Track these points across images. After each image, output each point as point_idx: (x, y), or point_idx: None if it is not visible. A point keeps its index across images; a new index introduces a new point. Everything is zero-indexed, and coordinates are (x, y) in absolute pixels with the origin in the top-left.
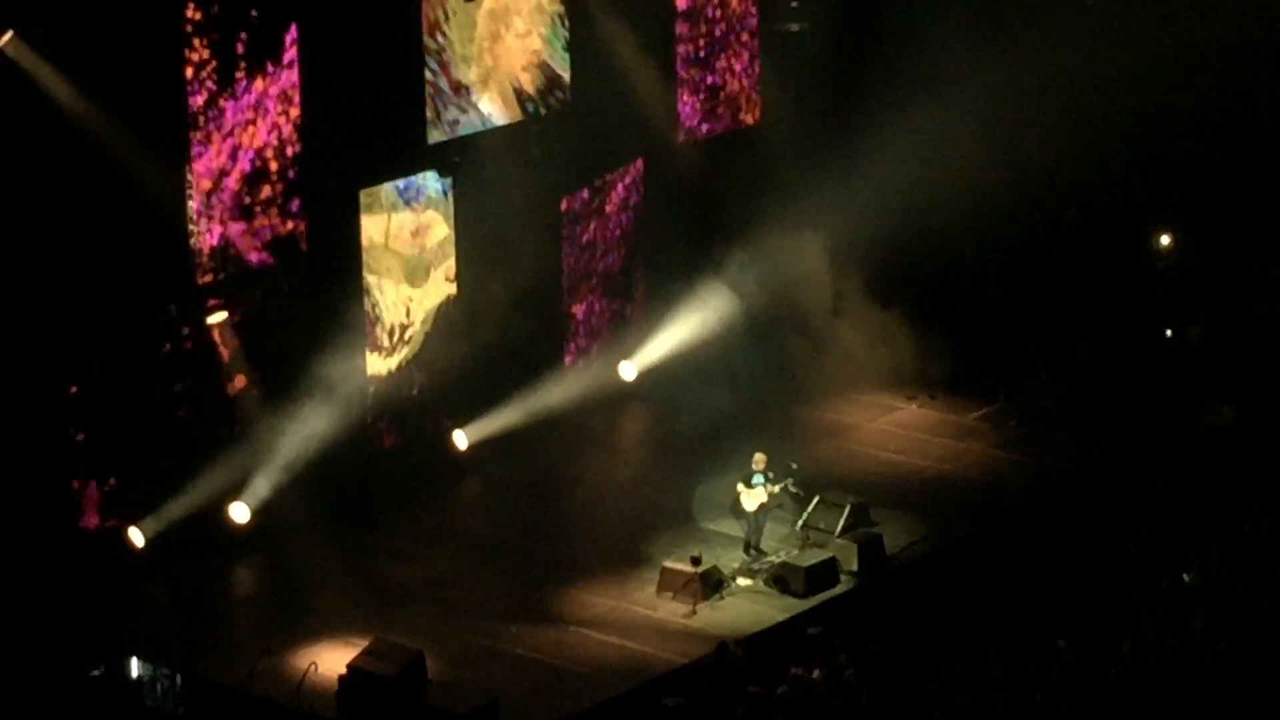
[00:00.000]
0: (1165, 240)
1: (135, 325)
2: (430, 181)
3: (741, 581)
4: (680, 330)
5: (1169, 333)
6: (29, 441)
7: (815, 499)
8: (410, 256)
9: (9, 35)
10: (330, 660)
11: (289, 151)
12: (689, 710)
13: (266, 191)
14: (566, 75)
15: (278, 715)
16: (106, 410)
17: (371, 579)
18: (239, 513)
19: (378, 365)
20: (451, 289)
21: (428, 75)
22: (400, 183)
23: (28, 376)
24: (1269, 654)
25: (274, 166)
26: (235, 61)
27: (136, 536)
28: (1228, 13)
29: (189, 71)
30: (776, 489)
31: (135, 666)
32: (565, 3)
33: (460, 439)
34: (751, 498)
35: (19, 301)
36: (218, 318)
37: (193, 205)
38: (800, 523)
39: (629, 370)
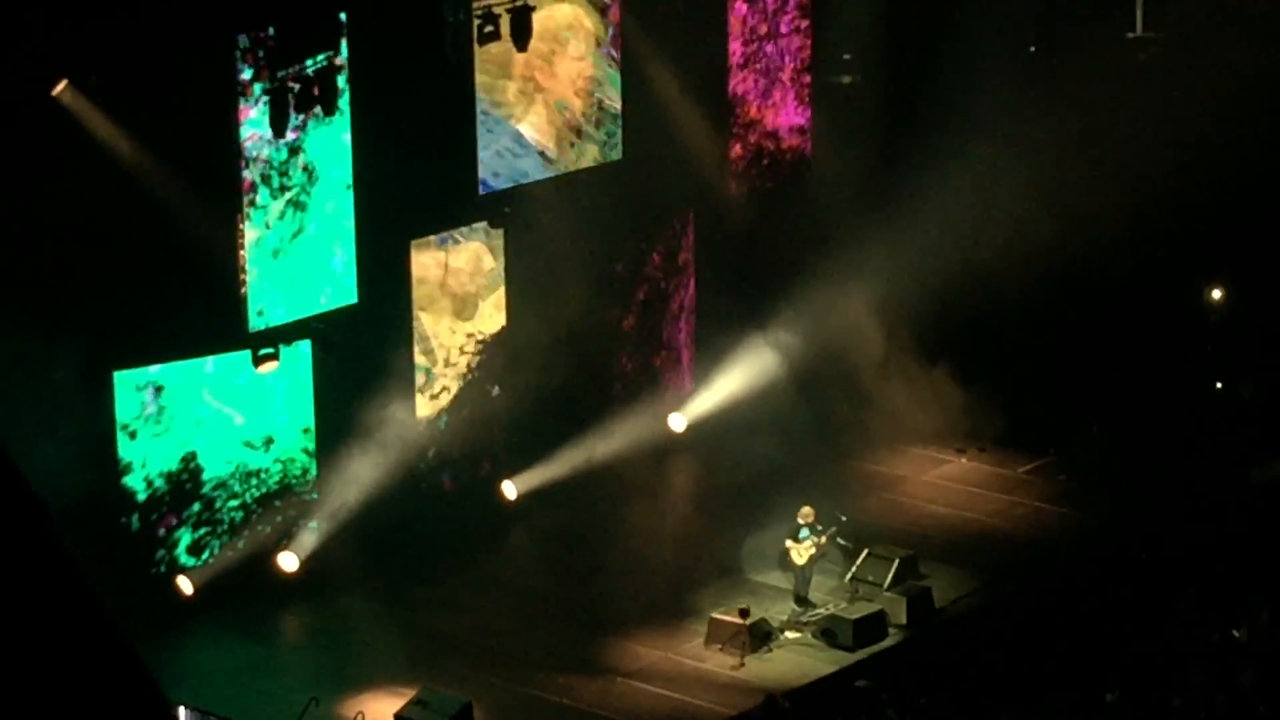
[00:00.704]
0: (1217, 294)
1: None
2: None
3: (789, 634)
4: (730, 382)
5: (1219, 386)
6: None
7: (864, 552)
8: (462, 293)
9: (63, 84)
10: (377, 709)
11: None
12: None
13: None
14: (618, 112)
15: None
16: None
17: (419, 628)
18: (288, 561)
19: (427, 411)
20: (501, 322)
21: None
22: None
23: (79, 421)
24: None
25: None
26: (287, 111)
27: (185, 584)
28: None
29: (242, 117)
30: (824, 539)
31: (183, 714)
32: (618, 51)
33: (509, 489)
34: (800, 552)
35: (70, 347)
36: (268, 366)
37: (244, 253)
38: (849, 575)
39: (679, 422)
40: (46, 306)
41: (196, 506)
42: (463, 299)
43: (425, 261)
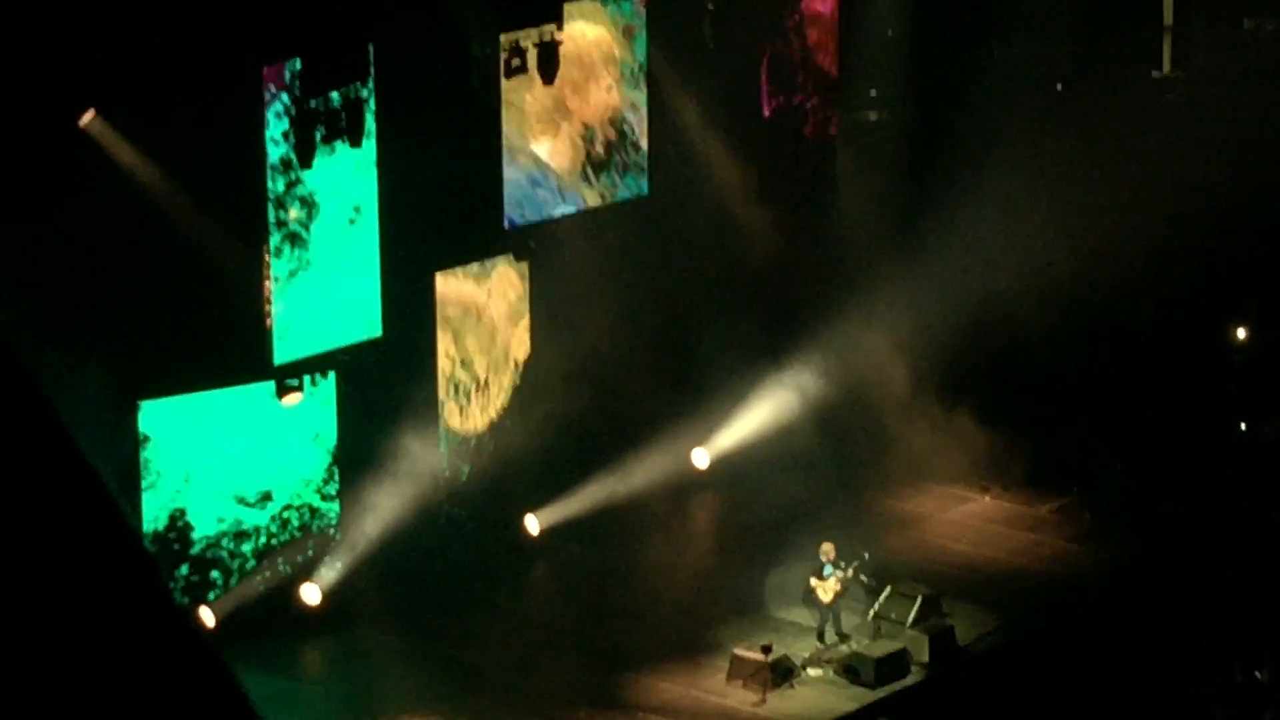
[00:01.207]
0: (1241, 333)
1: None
2: None
3: (812, 671)
4: (753, 419)
5: (1243, 427)
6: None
7: (887, 589)
8: (494, 317)
9: (90, 114)
10: None
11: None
12: None
13: None
14: (644, 157)
15: None
16: None
17: (441, 662)
18: (310, 594)
19: (453, 442)
20: (526, 352)
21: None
22: None
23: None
24: None
25: None
26: (313, 143)
27: (208, 616)
28: None
29: (267, 150)
30: (849, 573)
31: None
32: (646, 88)
33: (532, 524)
34: (825, 589)
35: (94, 377)
36: (293, 399)
37: (268, 285)
38: (871, 613)
39: (702, 458)
40: (71, 336)
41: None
42: (486, 328)
43: (448, 291)
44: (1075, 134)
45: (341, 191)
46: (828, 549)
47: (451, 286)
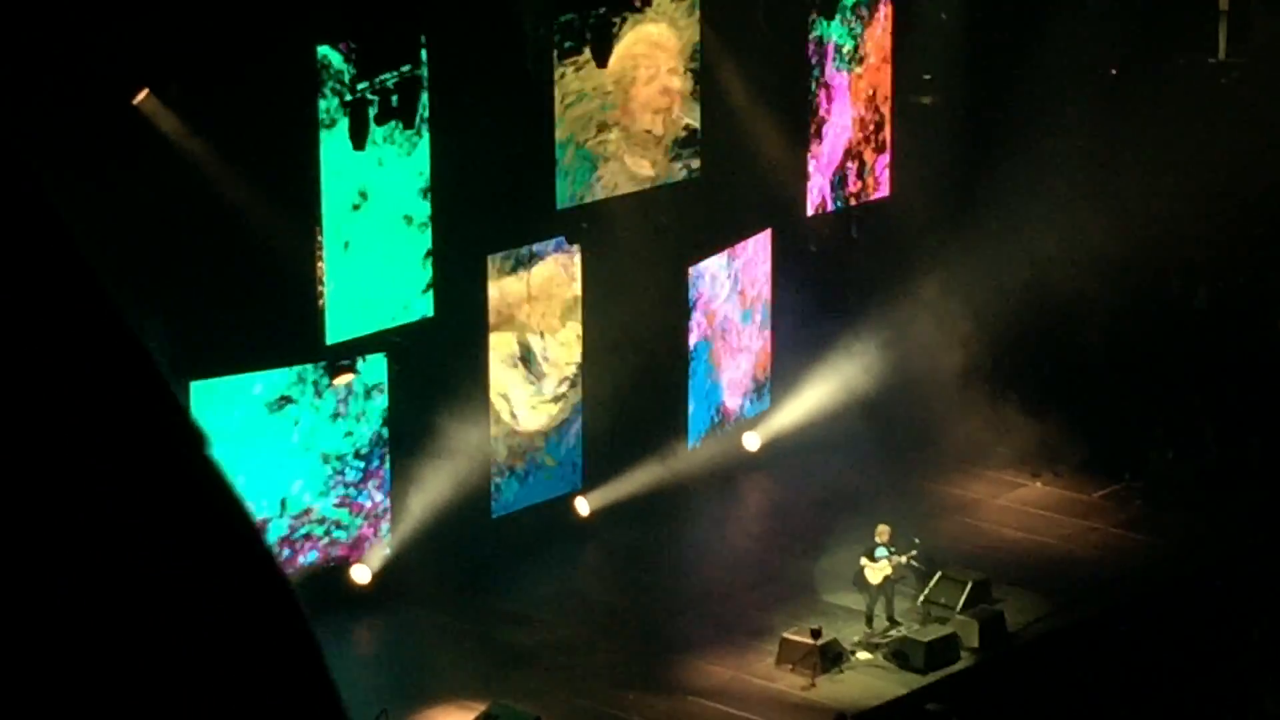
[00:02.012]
0: None
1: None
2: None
3: (861, 655)
4: (805, 402)
5: None
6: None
7: (937, 574)
8: (545, 310)
9: (144, 93)
10: None
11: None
12: None
13: None
14: (698, 139)
15: None
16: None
17: (490, 643)
18: (360, 574)
19: (503, 425)
20: (578, 331)
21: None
22: None
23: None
24: None
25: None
26: (367, 124)
27: None
28: None
29: (320, 131)
30: (902, 559)
31: None
32: (700, 71)
33: (582, 505)
34: (875, 571)
35: (147, 360)
36: (345, 379)
37: (321, 266)
38: (922, 598)
39: (753, 440)
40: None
41: None
42: (537, 309)
43: (499, 275)
44: (1129, 119)
45: (394, 173)
46: (883, 531)
47: (501, 269)
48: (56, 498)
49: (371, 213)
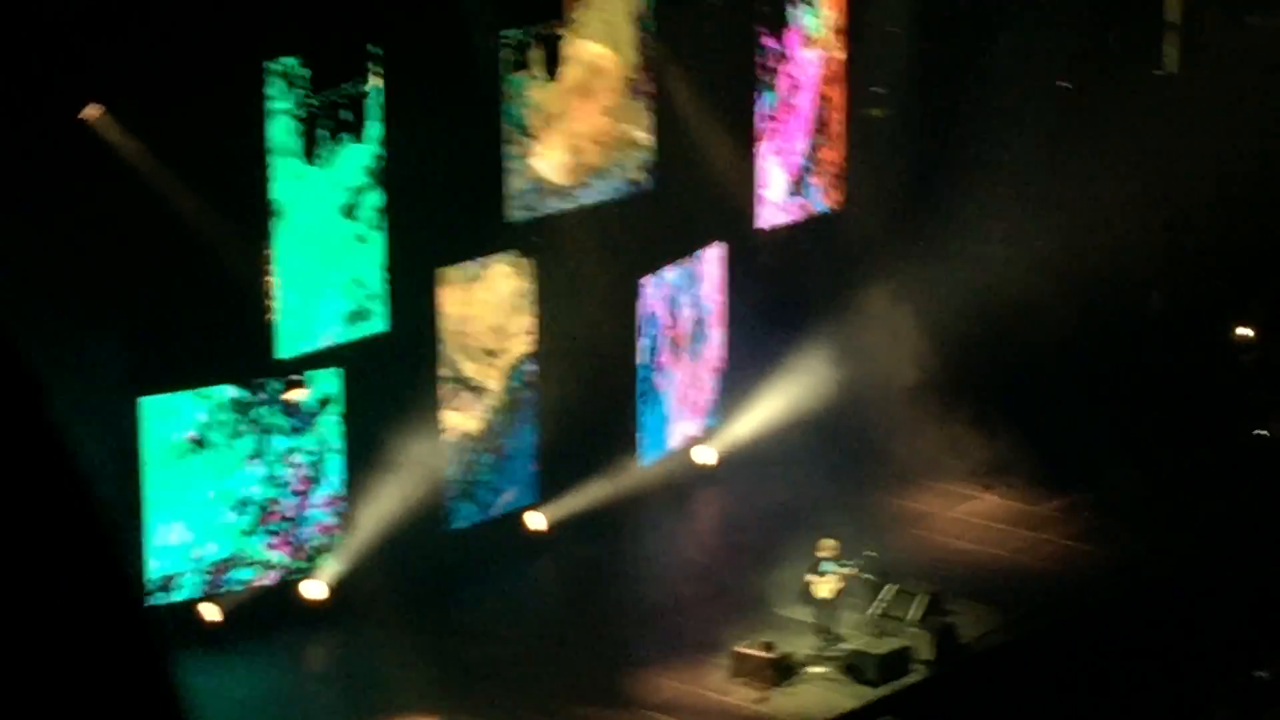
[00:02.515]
0: (1246, 332)
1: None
2: None
3: (814, 668)
4: (757, 415)
5: (1248, 426)
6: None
7: (890, 587)
8: (491, 321)
9: (94, 108)
10: None
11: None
12: None
13: None
14: (648, 153)
15: None
16: None
17: (444, 658)
18: (314, 589)
19: (456, 439)
20: (529, 349)
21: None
22: None
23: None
24: None
25: None
26: (317, 138)
27: (212, 611)
28: None
29: (271, 145)
30: (849, 570)
31: None
32: (650, 84)
33: (536, 519)
34: (822, 585)
35: (96, 373)
36: (298, 394)
37: (271, 281)
38: (874, 611)
39: (705, 454)
40: (70, 331)
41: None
42: (490, 324)
43: (452, 287)
44: (1080, 130)
45: (345, 187)
46: (828, 545)
47: (451, 282)
48: None
49: (322, 227)
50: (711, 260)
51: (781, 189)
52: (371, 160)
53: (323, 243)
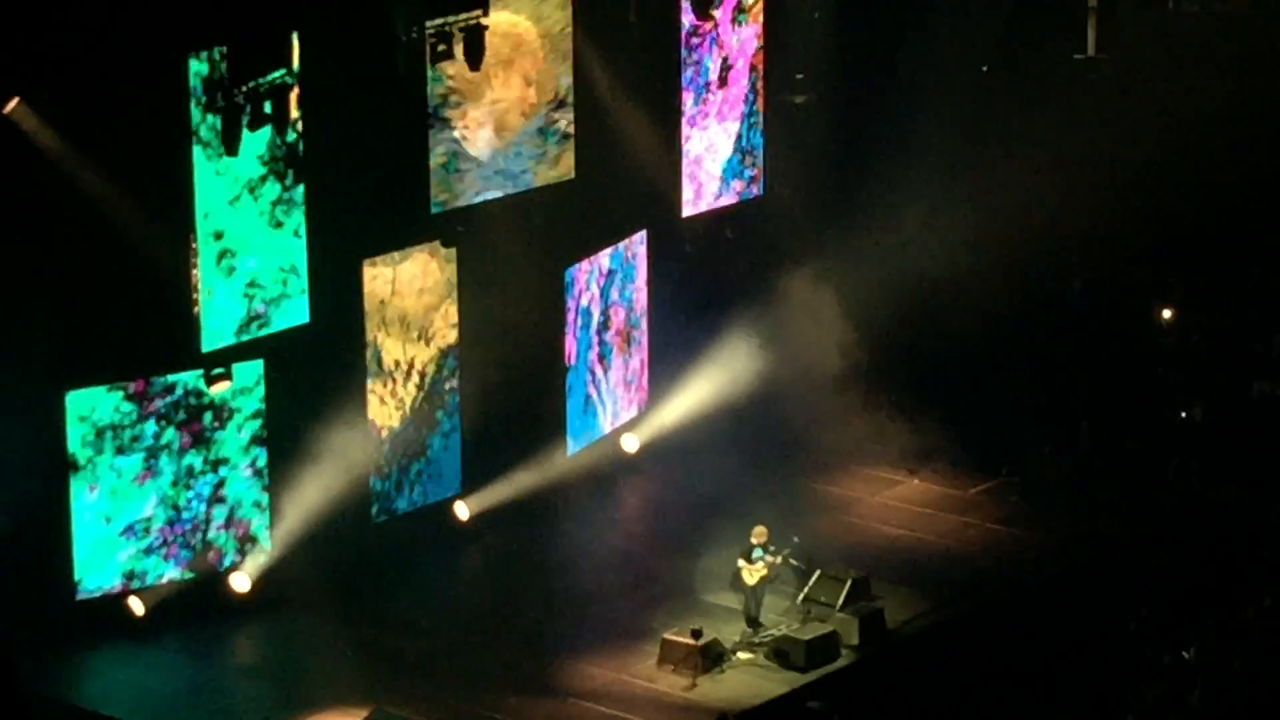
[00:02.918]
0: (1168, 313)
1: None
2: None
3: (742, 655)
4: (683, 402)
5: (1170, 408)
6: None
7: (816, 573)
8: (413, 307)
9: (15, 101)
10: None
11: None
12: None
13: None
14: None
15: None
16: None
17: (371, 648)
18: (239, 582)
19: (380, 430)
20: (453, 338)
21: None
22: None
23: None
24: None
25: None
26: (239, 130)
27: (136, 605)
28: (1230, 90)
29: (193, 137)
30: (779, 559)
31: None
32: (573, 73)
33: (461, 509)
34: (752, 572)
35: (21, 366)
36: (221, 386)
37: (196, 273)
38: (801, 596)
39: (631, 442)
40: None
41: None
42: (414, 313)
43: (374, 276)
44: (1000, 114)
45: (268, 178)
46: (760, 532)
47: (374, 273)
48: None
49: (245, 218)
50: (637, 248)
51: (716, 171)
52: (293, 151)
53: (245, 234)
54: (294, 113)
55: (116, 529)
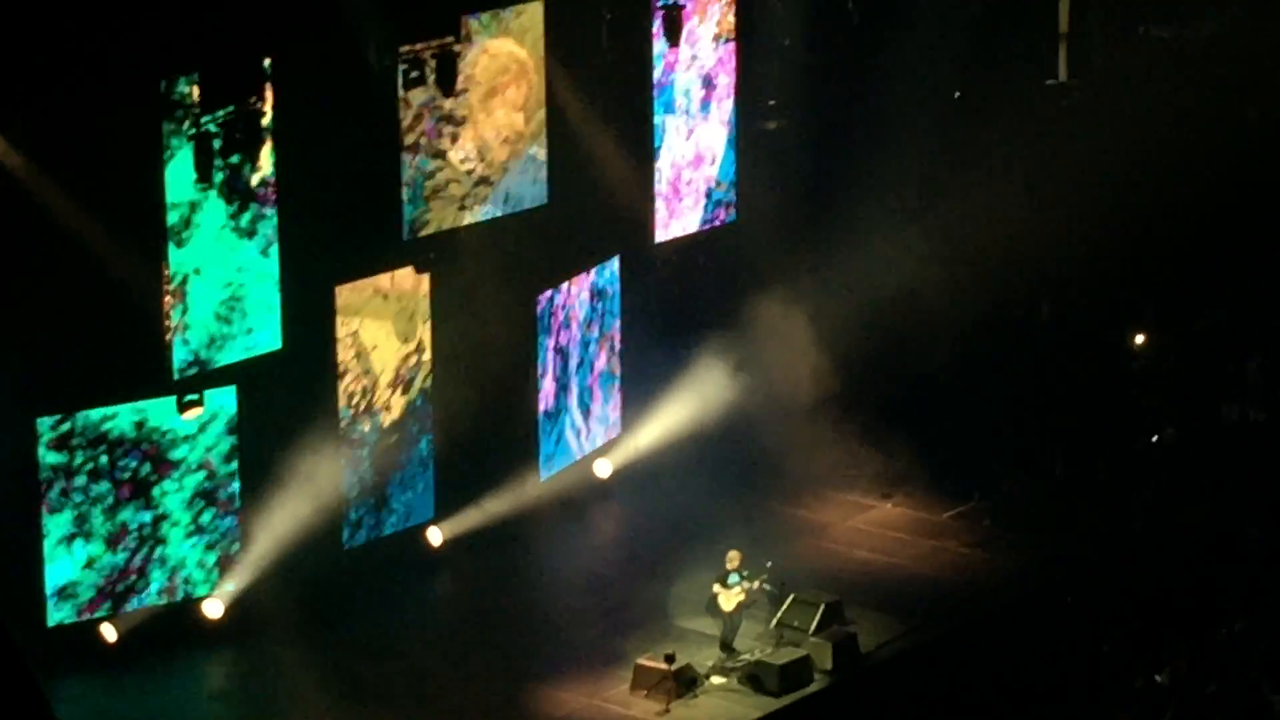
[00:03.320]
0: (1140, 338)
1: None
2: None
3: (715, 680)
4: (656, 428)
5: (1143, 431)
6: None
7: (789, 597)
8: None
9: None
10: None
11: None
12: None
13: None
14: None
15: None
16: None
17: (344, 674)
18: (212, 608)
19: (353, 455)
20: (426, 361)
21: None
22: None
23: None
24: None
25: None
26: (212, 157)
27: (109, 631)
28: (1202, 115)
29: (165, 164)
30: (755, 584)
31: None
32: (545, 95)
33: (434, 535)
34: (728, 597)
35: None
36: (193, 413)
37: (168, 300)
38: (774, 621)
39: (604, 467)
40: None
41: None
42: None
43: (350, 309)
44: (972, 140)
45: (240, 205)
46: (734, 557)
47: (348, 297)
48: None
49: (217, 245)
50: (611, 273)
51: (696, 198)
52: (266, 179)
53: (218, 261)
54: (266, 140)
55: (83, 558)
